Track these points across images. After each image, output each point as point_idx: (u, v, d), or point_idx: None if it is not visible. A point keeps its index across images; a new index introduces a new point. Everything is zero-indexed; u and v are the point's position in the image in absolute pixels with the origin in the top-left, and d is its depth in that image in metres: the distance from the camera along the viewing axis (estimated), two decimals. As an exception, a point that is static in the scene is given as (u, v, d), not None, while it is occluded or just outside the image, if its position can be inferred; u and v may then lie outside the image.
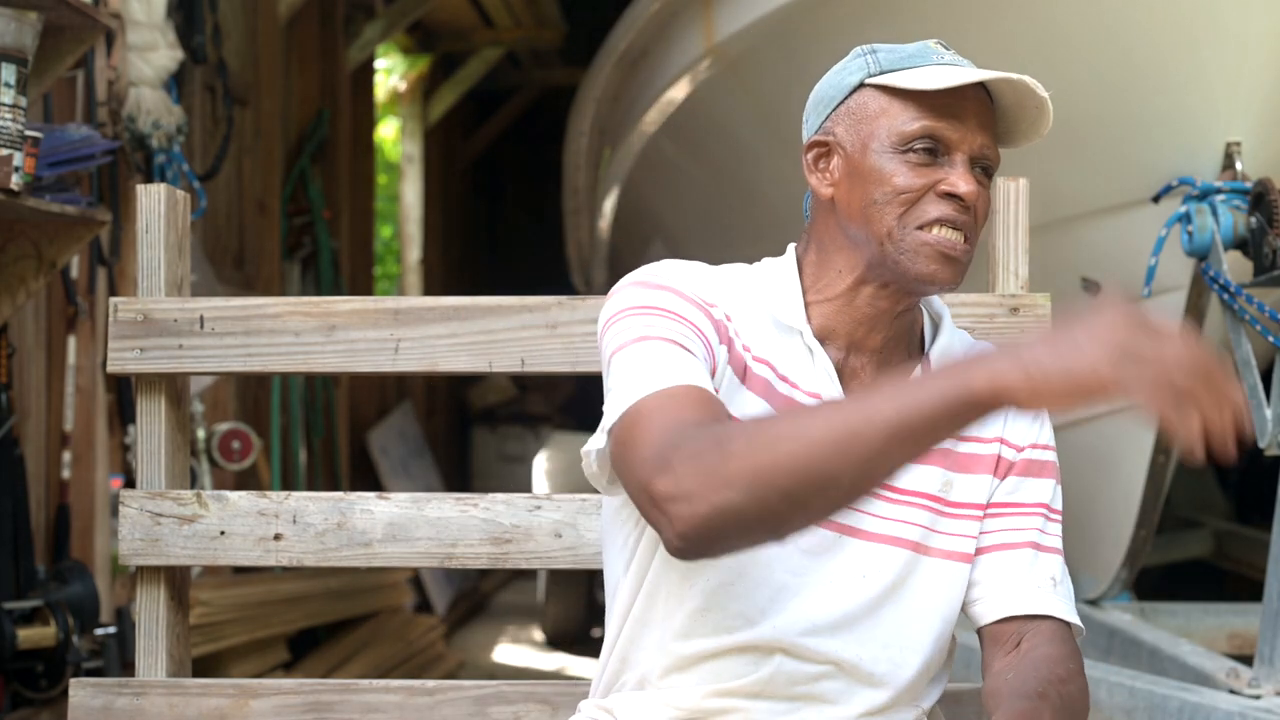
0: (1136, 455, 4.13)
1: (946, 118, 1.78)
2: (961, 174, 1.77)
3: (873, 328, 1.84)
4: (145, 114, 4.30)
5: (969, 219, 1.78)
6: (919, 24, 4.01)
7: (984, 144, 1.81)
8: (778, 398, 1.80)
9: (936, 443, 1.53)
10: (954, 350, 1.91)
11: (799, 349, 1.82)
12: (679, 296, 1.76)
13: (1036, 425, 1.92)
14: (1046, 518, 1.90)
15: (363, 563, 2.20)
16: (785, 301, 1.84)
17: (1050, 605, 1.84)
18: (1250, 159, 3.61)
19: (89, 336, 4.21)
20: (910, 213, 1.77)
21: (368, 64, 8.47)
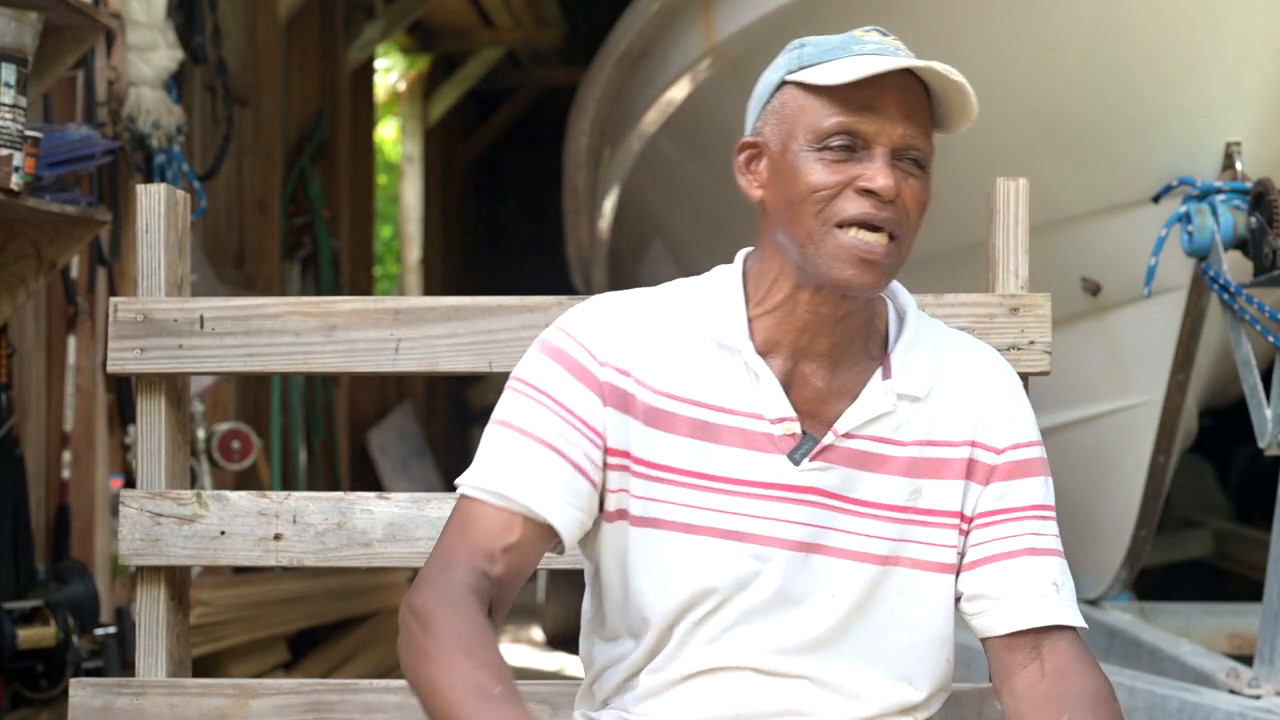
0: (1136, 455, 4.13)
1: (862, 111, 1.72)
2: (879, 168, 1.71)
3: (818, 333, 1.79)
4: (145, 114, 4.30)
5: (891, 214, 1.72)
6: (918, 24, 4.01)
7: (907, 134, 1.73)
8: (714, 432, 1.78)
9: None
10: (920, 347, 1.85)
11: (740, 370, 1.79)
12: (566, 373, 1.78)
13: (1015, 422, 1.86)
14: (1040, 518, 1.86)
15: (363, 563, 2.20)
16: (725, 320, 1.81)
17: (1058, 614, 1.82)
18: (1250, 159, 3.61)
19: (89, 336, 4.21)
20: (827, 211, 1.72)
21: (368, 64, 8.47)
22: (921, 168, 1.76)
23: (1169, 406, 4.01)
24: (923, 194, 1.76)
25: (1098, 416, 4.23)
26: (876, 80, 1.72)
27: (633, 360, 1.80)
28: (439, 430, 10.13)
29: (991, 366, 1.89)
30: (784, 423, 1.78)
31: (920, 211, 1.76)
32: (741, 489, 1.78)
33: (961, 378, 1.86)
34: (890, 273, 1.75)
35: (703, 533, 1.78)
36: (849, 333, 1.81)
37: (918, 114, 1.74)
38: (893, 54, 1.75)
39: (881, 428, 1.81)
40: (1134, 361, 4.06)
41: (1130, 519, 4.20)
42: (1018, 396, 1.89)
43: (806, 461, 1.79)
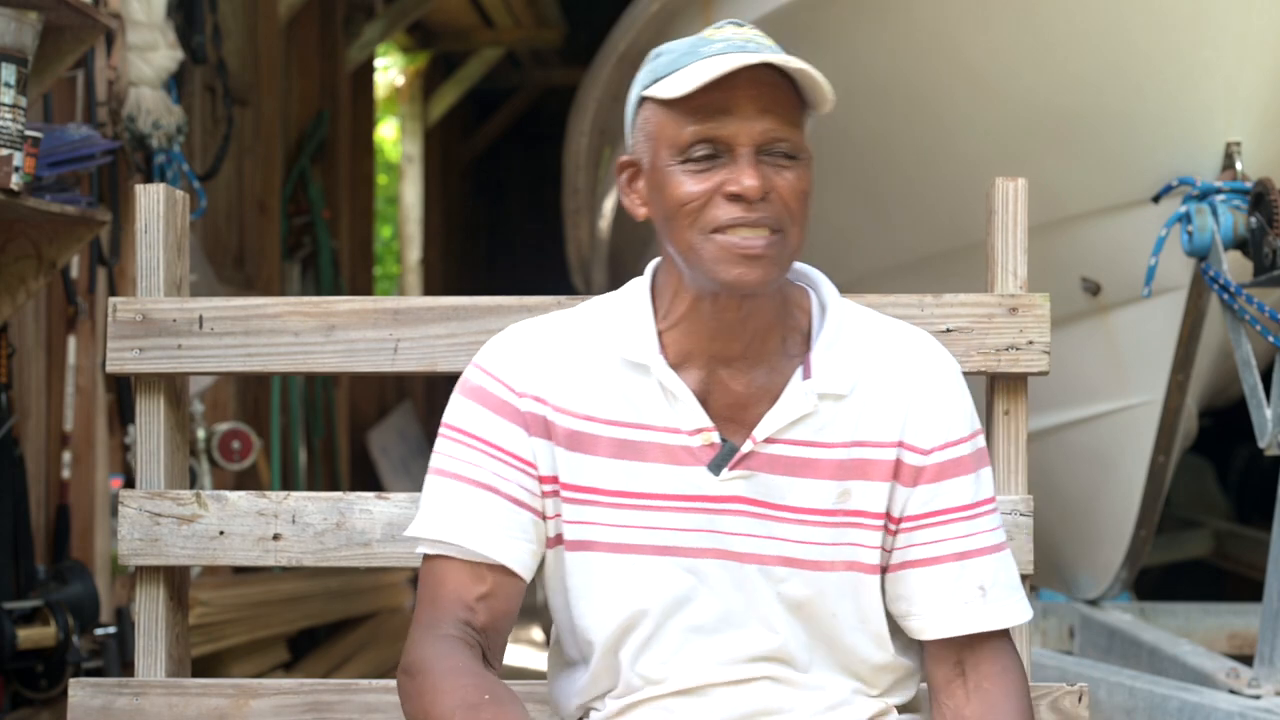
0: (1136, 455, 4.13)
1: (716, 116, 1.70)
2: (744, 169, 1.69)
3: (728, 339, 1.78)
4: (145, 114, 4.30)
5: (766, 211, 1.70)
6: (917, 24, 4.01)
7: (768, 129, 1.70)
8: (635, 449, 1.78)
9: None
10: (843, 341, 1.81)
11: (655, 385, 1.79)
12: (488, 411, 1.81)
13: (944, 419, 1.81)
14: (970, 518, 1.82)
15: (362, 563, 2.20)
16: (634, 337, 1.80)
17: (981, 620, 1.80)
18: (1250, 159, 3.61)
19: (89, 336, 4.21)
20: (701, 220, 1.71)
21: (368, 64, 8.47)
22: (793, 157, 1.72)
23: (1169, 406, 4.01)
24: (799, 183, 1.72)
25: (1098, 416, 4.23)
26: (727, 80, 1.69)
27: (548, 387, 1.81)
28: (439, 430, 10.11)
29: (922, 359, 1.84)
30: (701, 433, 1.78)
31: (802, 200, 1.73)
32: (667, 504, 1.78)
33: (889, 372, 1.82)
34: (778, 265, 1.72)
35: (633, 551, 1.79)
36: (760, 332, 1.78)
37: (777, 105, 1.70)
38: (740, 49, 1.71)
39: (805, 430, 1.78)
40: (1134, 361, 4.06)
41: (1130, 519, 4.20)
42: (948, 390, 1.83)
43: (726, 471, 1.78)
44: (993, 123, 4.01)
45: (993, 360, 2.15)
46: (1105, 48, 3.73)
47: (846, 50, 4.22)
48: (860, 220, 4.67)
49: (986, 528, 1.83)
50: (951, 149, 4.16)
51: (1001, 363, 2.15)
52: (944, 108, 4.10)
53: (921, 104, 4.16)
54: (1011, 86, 3.92)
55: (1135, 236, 3.79)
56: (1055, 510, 4.21)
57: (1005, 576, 1.83)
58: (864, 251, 4.70)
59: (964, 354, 2.15)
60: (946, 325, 2.15)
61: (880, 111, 4.28)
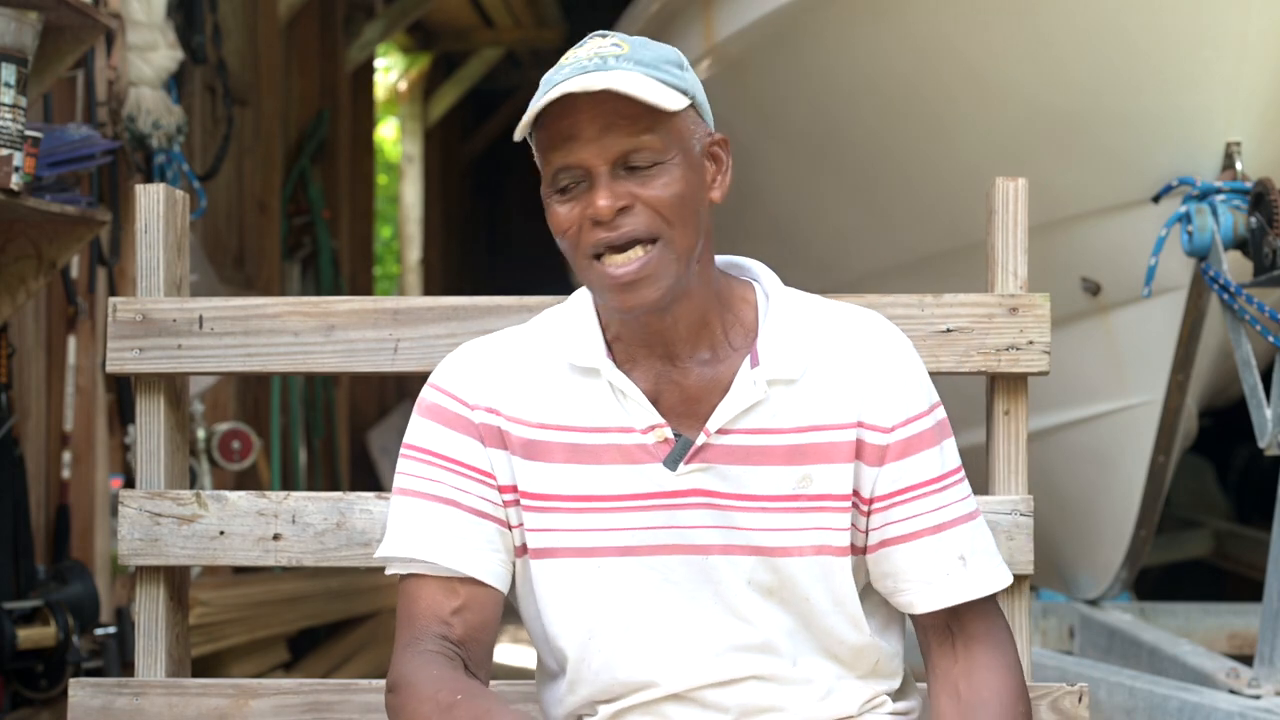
0: (1136, 455, 4.12)
1: (566, 144, 1.72)
2: (599, 190, 1.71)
3: (664, 341, 1.79)
4: (145, 114, 4.30)
5: (633, 226, 1.71)
6: (917, 24, 4.01)
7: (615, 144, 1.70)
8: (590, 452, 1.79)
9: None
10: (789, 327, 1.82)
11: (605, 388, 1.80)
12: (443, 427, 1.84)
13: (902, 395, 1.82)
14: (941, 489, 1.83)
15: (362, 563, 2.20)
16: (582, 343, 1.82)
17: (966, 589, 1.83)
18: (1250, 159, 3.61)
19: (89, 336, 4.21)
20: (579, 247, 1.74)
21: (368, 64, 8.47)
22: (654, 164, 1.72)
23: (1169, 406, 4.01)
24: (667, 188, 1.72)
25: (1098, 416, 4.23)
26: (570, 105, 1.70)
27: (501, 398, 1.83)
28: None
29: (873, 337, 1.85)
30: (654, 430, 1.79)
31: (675, 204, 1.73)
32: (626, 504, 1.80)
33: (841, 354, 1.82)
34: (660, 280, 1.73)
35: (596, 554, 1.80)
36: (693, 330, 1.80)
37: (621, 118, 1.71)
38: (581, 71, 1.71)
39: (758, 418, 1.79)
40: (1134, 361, 4.06)
41: (1130, 519, 4.20)
42: (903, 365, 1.84)
43: (683, 465, 1.79)
44: (993, 123, 4.01)
45: (993, 360, 2.15)
46: (1105, 48, 3.73)
47: (846, 50, 4.22)
48: (860, 220, 4.67)
49: (957, 497, 1.85)
50: (952, 149, 4.16)
51: (1001, 363, 2.15)
52: (944, 108, 4.10)
53: (921, 104, 4.15)
54: (1011, 87, 3.91)
55: (1135, 236, 3.79)
56: (1055, 510, 4.21)
57: (982, 543, 1.86)
58: (864, 251, 4.70)
59: (964, 354, 2.15)
60: (946, 325, 2.16)
61: (880, 111, 4.28)
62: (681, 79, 1.75)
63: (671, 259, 1.73)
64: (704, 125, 1.79)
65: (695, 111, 1.78)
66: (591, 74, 1.70)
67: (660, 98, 1.70)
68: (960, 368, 2.16)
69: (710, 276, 1.81)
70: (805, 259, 4.81)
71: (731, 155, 1.83)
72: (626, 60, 1.72)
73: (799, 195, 4.81)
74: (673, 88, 1.73)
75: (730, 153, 1.83)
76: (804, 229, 4.87)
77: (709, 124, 1.81)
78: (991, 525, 2.12)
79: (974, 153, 4.06)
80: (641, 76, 1.71)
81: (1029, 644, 2.17)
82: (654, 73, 1.73)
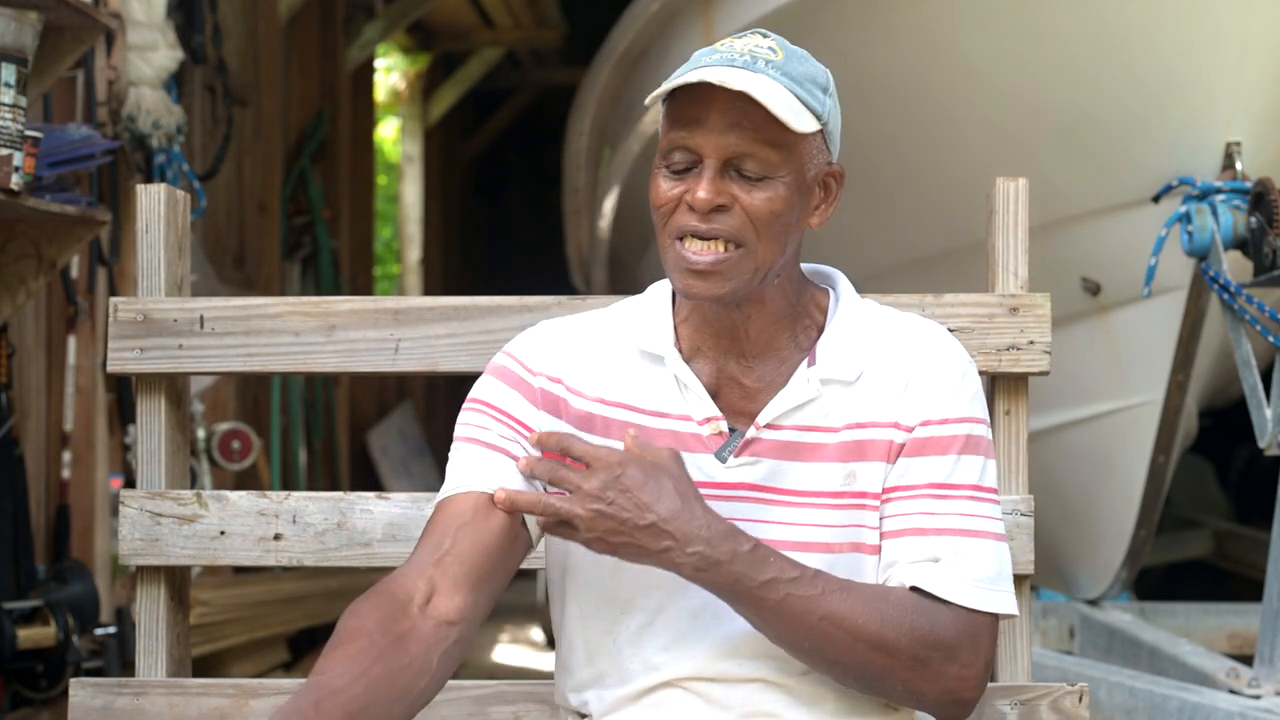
0: (1136, 455, 4.13)
1: (690, 126, 1.74)
2: (703, 182, 1.73)
3: (733, 337, 1.82)
4: (145, 114, 4.30)
5: (722, 225, 1.74)
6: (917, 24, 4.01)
7: (734, 144, 1.73)
8: (647, 435, 1.81)
9: None
10: (852, 332, 1.83)
11: (669, 376, 1.83)
12: (502, 384, 1.87)
13: (936, 399, 1.81)
14: (941, 498, 1.80)
15: (362, 563, 2.20)
16: (651, 329, 1.86)
17: (924, 579, 1.77)
18: (1250, 159, 3.61)
19: (89, 336, 4.21)
20: (669, 225, 1.77)
21: (368, 64, 8.47)
22: (763, 177, 1.75)
23: (1169, 406, 4.01)
24: (768, 203, 1.75)
25: (1098, 416, 4.23)
26: (705, 92, 1.72)
27: (565, 369, 1.86)
28: (439, 430, 10.12)
29: (928, 346, 1.85)
30: (710, 422, 1.82)
31: (769, 219, 1.75)
32: None
33: (895, 360, 1.84)
34: (730, 280, 1.75)
35: None
36: (765, 331, 1.83)
37: (747, 122, 1.72)
38: (729, 64, 1.74)
39: (808, 416, 1.81)
40: (1134, 361, 4.07)
41: (1130, 519, 4.21)
42: (946, 373, 1.83)
43: (733, 458, 1.81)
44: (993, 123, 4.02)
45: (993, 360, 2.15)
46: (1105, 48, 3.73)
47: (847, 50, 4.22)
48: (861, 220, 4.67)
49: (959, 510, 1.80)
50: (952, 149, 4.16)
51: (1002, 363, 2.15)
52: (945, 108, 4.10)
53: (922, 104, 4.16)
54: (1012, 86, 3.92)
55: (1135, 236, 3.79)
56: (1055, 510, 4.21)
57: (973, 559, 1.78)
58: (865, 251, 4.70)
59: (964, 354, 2.15)
60: (947, 325, 2.15)
61: (881, 111, 4.28)
62: (821, 103, 1.77)
63: (748, 266, 1.76)
64: (826, 153, 1.81)
65: (823, 138, 1.79)
66: (738, 70, 1.72)
67: (791, 116, 1.72)
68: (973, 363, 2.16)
69: (789, 289, 1.84)
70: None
71: None
72: (776, 68, 1.74)
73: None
74: (809, 109, 1.75)
75: (843, 185, 1.84)
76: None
77: (833, 153, 1.83)
78: (992, 525, 2.12)
79: (974, 153, 4.06)
80: (783, 89, 1.73)
81: (1029, 644, 2.17)
82: (797, 89, 1.74)
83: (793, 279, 1.84)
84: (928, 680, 1.76)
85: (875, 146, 4.41)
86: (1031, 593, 2.28)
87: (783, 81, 1.73)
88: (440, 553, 1.76)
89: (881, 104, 4.25)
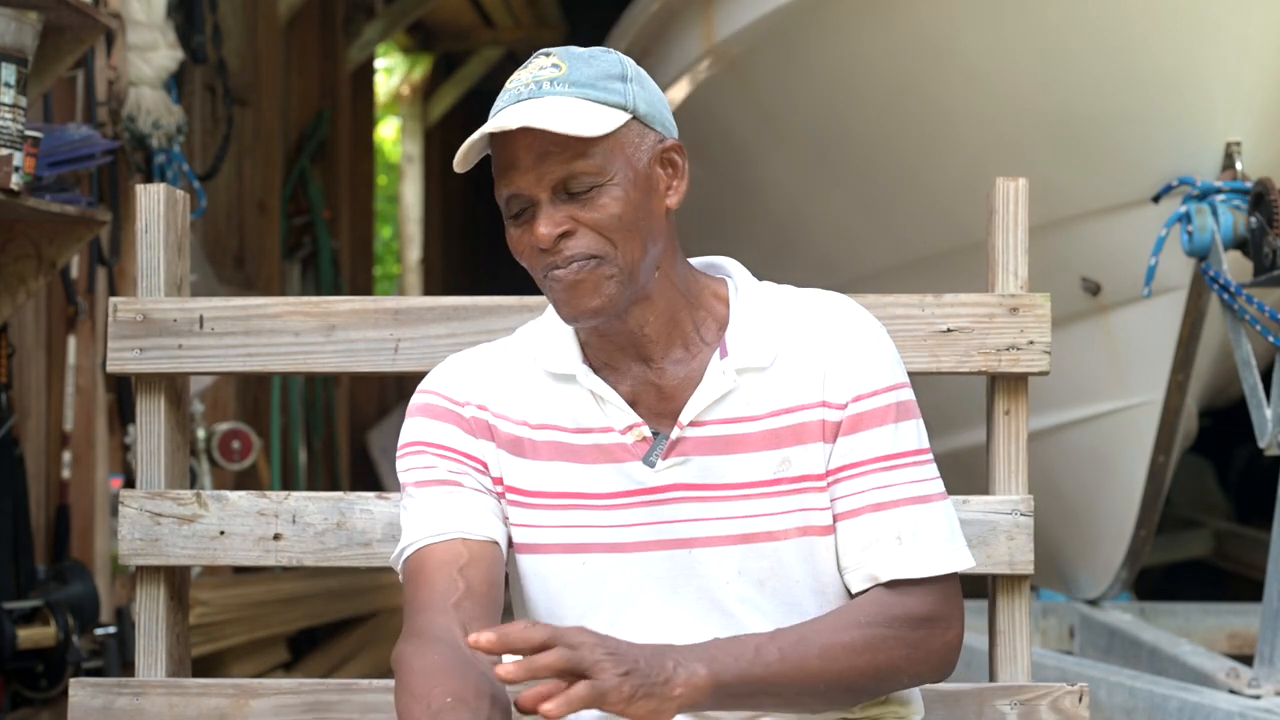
0: (1136, 455, 4.13)
1: (507, 173, 1.76)
2: (539, 220, 1.74)
3: (632, 344, 1.82)
4: (145, 114, 4.30)
5: (575, 250, 1.74)
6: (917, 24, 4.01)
7: (550, 172, 1.73)
8: (575, 452, 1.82)
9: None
10: (758, 317, 1.83)
11: (582, 394, 1.84)
12: (435, 421, 1.88)
13: (859, 372, 1.81)
14: (889, 469, 1.81)
15: (362, 563, 2.20)
16: (555, 352, 1.86)
17: (892, 566, 1.78)
18: (1250, 159, 3.61)
19: (89, 336, 4.21)
20: (534, 270, 1.79)
21: (368, 64, 8.47)
22: (591, 188, 1.74)
23: (1169, 406, 4.01)
24: (606, 209, 1.75)
25: (1098, 416, 4.23)
26: (506, 135, 1.75)
27: (488, 397, 1.87)
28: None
29: (839, 320, 1.85)
30: (632, 429, 1.82)
31: (615, 223, 1.75)
32: (610, 501, 1.82)
33: (809, 338, 1.83)
34: (605, 290, 1.75)
35: (581, 550, 1.82)
36: (662, 328, 1.82)
37: (553, 146, 1.73)
38: (515, 99, 1.75)
39: (730, 407, 1.81)
40: (1134, 361, 4.06)
41: (1130, 519, 4.21)
42: (866, 345, 1.83)
43: (661, 460, 1.81)
44: (993, 123, 4.01)
45: (993, 360, 2.15)
46: (1106, 47, 3.73)
47: (847, 50, 4.22)
48: (861, 220, 4.67)
49: (908, 479, 1.81)
50: (952, 149, 4.16)
51: (1002, 363, 2.15)
52: (944, 108, 4.10)
53: (922, 104, 4.16)
54: (1012, 86, 3.92)
55: (1135, 236, 3.79)
56: (1055, 510, 4.21)
57: (929, 526, 1.80)
58: (864, 251, 4.70)
59: (964, 354, 2.15)
60: (947, 325, 2.16)
61: (881, 111, 4.28)
62: (622, 93, 1.76)
63: (612, 272, 1.76)
64: (653, 134, 1.79)
65: (640, 123, 1.78)
66: (524, 102, 1.73)
67: (584, 125, 1.71)
68: (960, 368, 2.16)
69: (675, 278, 1.83)
70: (806, 259, 4.81)
71: (688, 159, 1.84)
72: (561, 83, 1.74)
73: (799, 195, 4.81)
74: (609, 105, 1.75)
75: (686, 157, 1.83)
76: (804, 229, 4.87)
77: (662, 131, 1.81)
78: (991, 525, 2.13)
79: (974, 153, 4.06)
80: (570, 101, 1.73)
81: (1029, 644, 2.17)
82: (588, 93, 1.74)
83: (674, 270, 1.83)
84: (923, 657, 1.78)
85: (875, 146, 4.42)
86: (1031, 593, 2.28)
87: (570, 93, 1.74)
88: (456, 596, 1.76)
89: (881, 104, 4.25)
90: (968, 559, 1.84)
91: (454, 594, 1.77)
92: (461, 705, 1.64)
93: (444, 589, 1.77)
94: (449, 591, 1.77)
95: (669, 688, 1.61)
